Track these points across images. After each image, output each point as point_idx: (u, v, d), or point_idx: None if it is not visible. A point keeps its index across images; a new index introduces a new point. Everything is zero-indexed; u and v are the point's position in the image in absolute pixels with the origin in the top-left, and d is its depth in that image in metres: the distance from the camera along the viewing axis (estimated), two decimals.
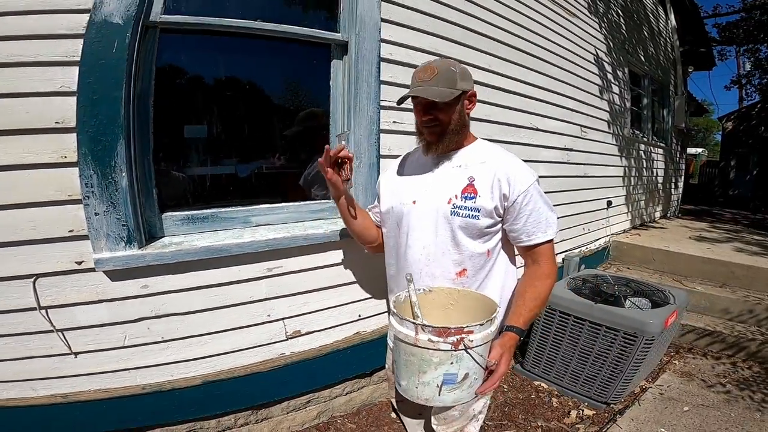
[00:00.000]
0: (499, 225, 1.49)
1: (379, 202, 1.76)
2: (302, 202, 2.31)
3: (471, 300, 1.43)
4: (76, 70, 1.57)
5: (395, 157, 1.90)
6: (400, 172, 1.70)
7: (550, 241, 1.49)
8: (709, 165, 22.60)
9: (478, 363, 1.21)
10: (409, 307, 1.37)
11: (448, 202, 1.46)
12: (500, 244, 1.54)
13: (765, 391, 2.89)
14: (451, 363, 1.17)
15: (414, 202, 1.54)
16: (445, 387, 1.20)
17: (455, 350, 1.15)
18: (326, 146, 1.52)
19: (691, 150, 29.54)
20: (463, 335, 1.14)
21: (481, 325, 1.17)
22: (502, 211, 1.45)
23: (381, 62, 2.29)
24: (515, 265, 1.63)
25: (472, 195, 1.43)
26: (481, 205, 1.42)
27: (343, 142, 1.64)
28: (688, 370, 3.18)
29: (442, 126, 1.45)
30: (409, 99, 1.49)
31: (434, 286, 1.49)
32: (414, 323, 1.18)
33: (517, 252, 1.62)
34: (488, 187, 1.42)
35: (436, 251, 1.50)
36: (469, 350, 1.16)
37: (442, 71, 1.40)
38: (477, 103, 2.92)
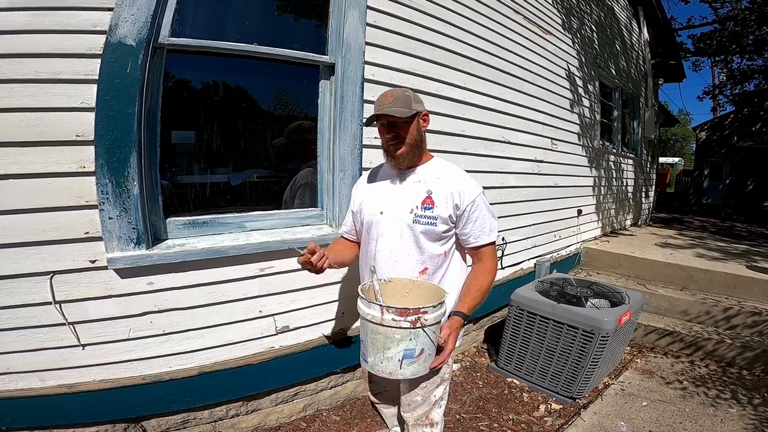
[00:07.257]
0: (453, 230, 1.73)
1: (352, 215, 1.96)
2: (291, 210, 2.49)
3: (422, 289, 1.65)
4: (94, 87, 1.73)
5: None
6: (368, 187, 1.90)
7: (493, 243, 1.74)
8: (685, 174, 22.81)
9: (431, 340, 1.44)
10: (372, 293, 1.59)
11: (410, 212, 1.68)
12: (454, 247, 1.78)
13: (719, 387, 3.08)
14: (410, 339, 1.40)
15: (381, 213, 1.75)
16: (405, 361, 1.43)
17: (413, 328, 1.38)
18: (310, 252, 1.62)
19: (668, 159, 29.85)
20: (420, 315, 1.37)
21: (434, 306, 1.41)
22: (455, 219, 1.69)
23: (365, 83, 2.47)
24: (466, 264, 1.87)
25: (430, 206, 1.67)
26: (437, 214, 1.66)
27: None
28: (648, 368, 3.38)
29: (402, 141, 1.67)
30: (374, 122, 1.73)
31: (392, 277, 1.70)
32: (380, 305, 1.40)
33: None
34: (443, 199, 1.66)
35: (401, 254, 1.71)
36: (425, 328, 1.39)
37: (398, 96, 1.64)
38: (452, 119, 3.15)
